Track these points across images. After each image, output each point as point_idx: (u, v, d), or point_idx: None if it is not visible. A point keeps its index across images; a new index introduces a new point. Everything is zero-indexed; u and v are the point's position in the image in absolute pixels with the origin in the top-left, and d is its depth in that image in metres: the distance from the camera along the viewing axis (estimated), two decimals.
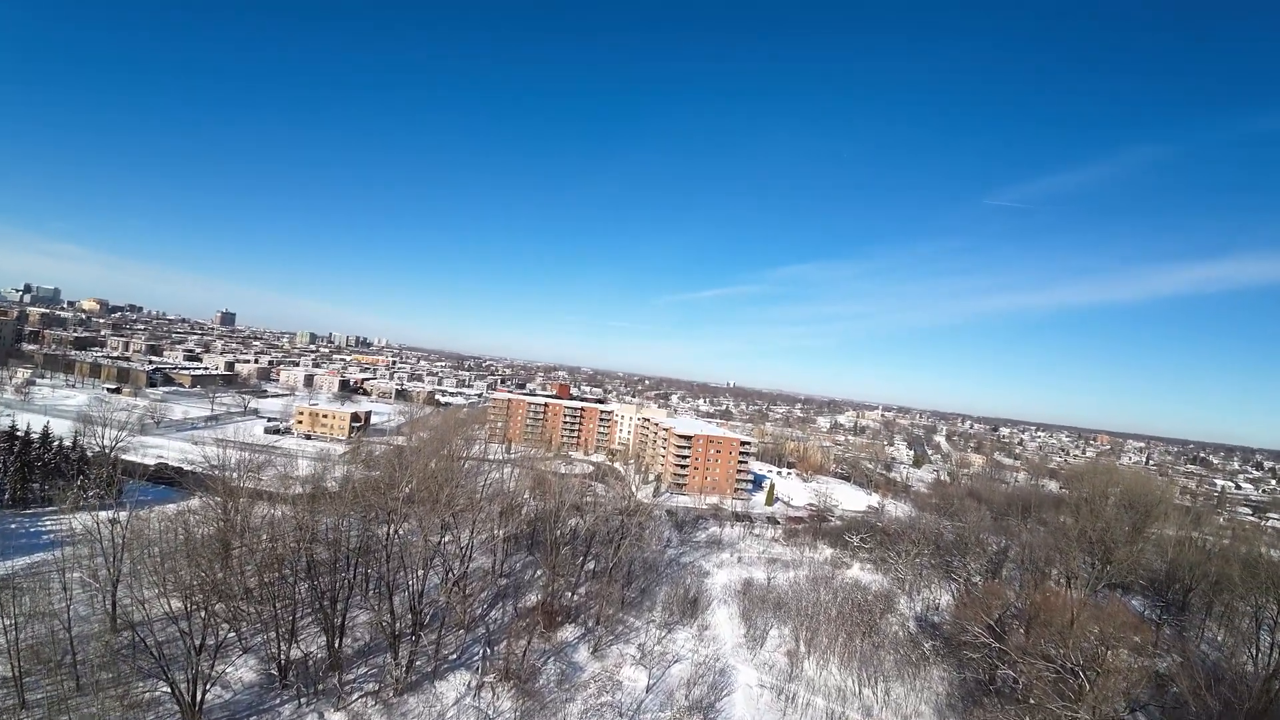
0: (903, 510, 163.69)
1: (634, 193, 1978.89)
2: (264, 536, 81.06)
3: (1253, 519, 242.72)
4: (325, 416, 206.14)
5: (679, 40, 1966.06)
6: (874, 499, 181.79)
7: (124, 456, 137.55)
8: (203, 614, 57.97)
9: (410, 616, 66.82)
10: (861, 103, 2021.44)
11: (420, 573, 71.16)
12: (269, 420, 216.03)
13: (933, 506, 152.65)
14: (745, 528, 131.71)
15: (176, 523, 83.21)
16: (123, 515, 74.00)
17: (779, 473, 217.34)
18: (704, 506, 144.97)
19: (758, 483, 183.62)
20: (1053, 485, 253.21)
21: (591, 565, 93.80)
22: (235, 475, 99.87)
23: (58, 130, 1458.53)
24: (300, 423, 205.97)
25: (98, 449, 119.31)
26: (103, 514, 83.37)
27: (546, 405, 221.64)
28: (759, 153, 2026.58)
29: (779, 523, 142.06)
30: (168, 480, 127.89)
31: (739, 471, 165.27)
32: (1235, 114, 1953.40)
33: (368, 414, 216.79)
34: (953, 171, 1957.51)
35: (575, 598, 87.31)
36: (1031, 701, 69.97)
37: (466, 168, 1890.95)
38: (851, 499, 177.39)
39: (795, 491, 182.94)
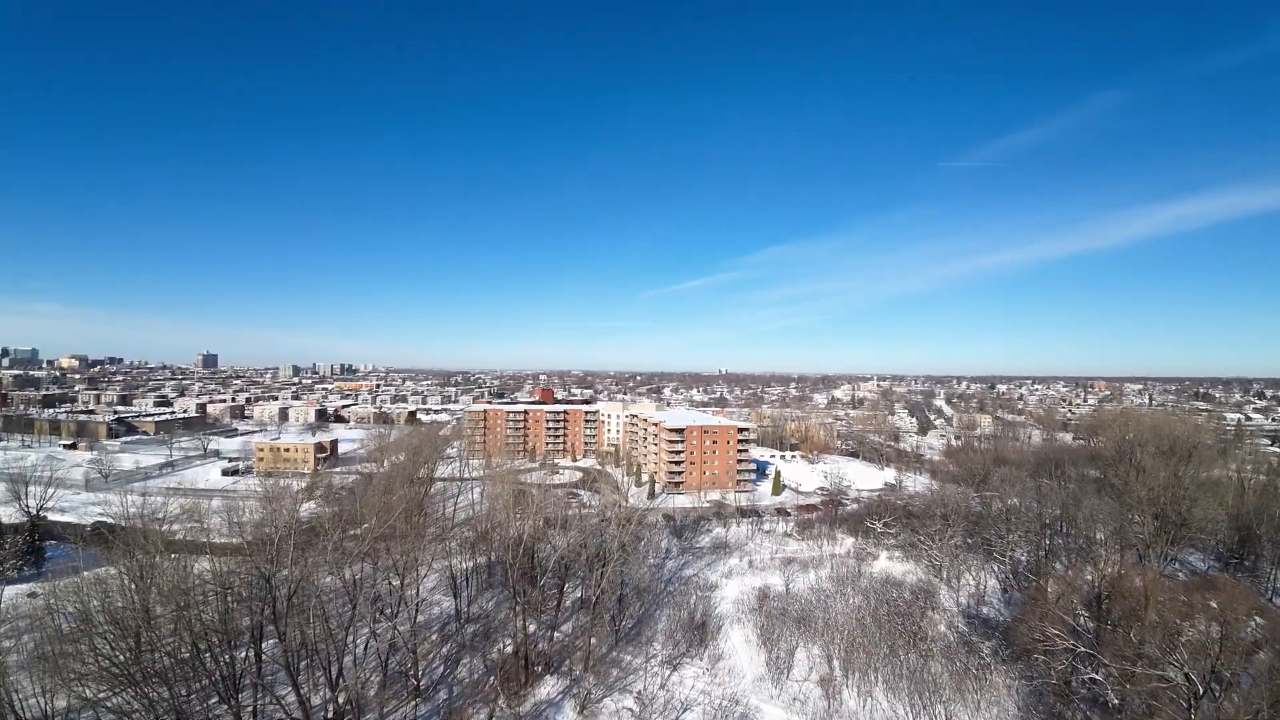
0: (921, 483, 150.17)
1: (605, 193, 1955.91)
2: (159, 608, 66.88)
3: (1277, 450, 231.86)
4: (287, 450, 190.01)
5: (636, 35, 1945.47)
6: (888, 474, 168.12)
7: (59, 518, 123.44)
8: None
9: (345, 695, 52.06)
10: (820, 78, 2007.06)
11: (345, 638, 56.33)
12: (229, 461, 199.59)
13: (954, 476, 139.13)
14: (753, 524, 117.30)
15: (89, 593, 68.43)
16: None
17: (782, 457, 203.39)
18: (705, 505, 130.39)
19: (761, 471, 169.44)
20: (1067, 437, 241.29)
21: (580, 593, 79.20)
22: (155, 529, 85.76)
23: (26, 187, 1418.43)
24: (261, 460, 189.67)
25: (24, 514, 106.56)
26: (22, 587, 79.89)
27: (527, 413, 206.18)
28: (724, 139, 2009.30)
29: (790, 514, 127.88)
30: (103, 541, 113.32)
31: (739, 461, 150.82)
32: (1199, 49, 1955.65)
33: (334, 443, 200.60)
34: (919, 138, 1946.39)
35: (559, 636, 72.64)
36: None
37: (439, 183, 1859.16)
38: (864, 477, 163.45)
39: (802, 476, 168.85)
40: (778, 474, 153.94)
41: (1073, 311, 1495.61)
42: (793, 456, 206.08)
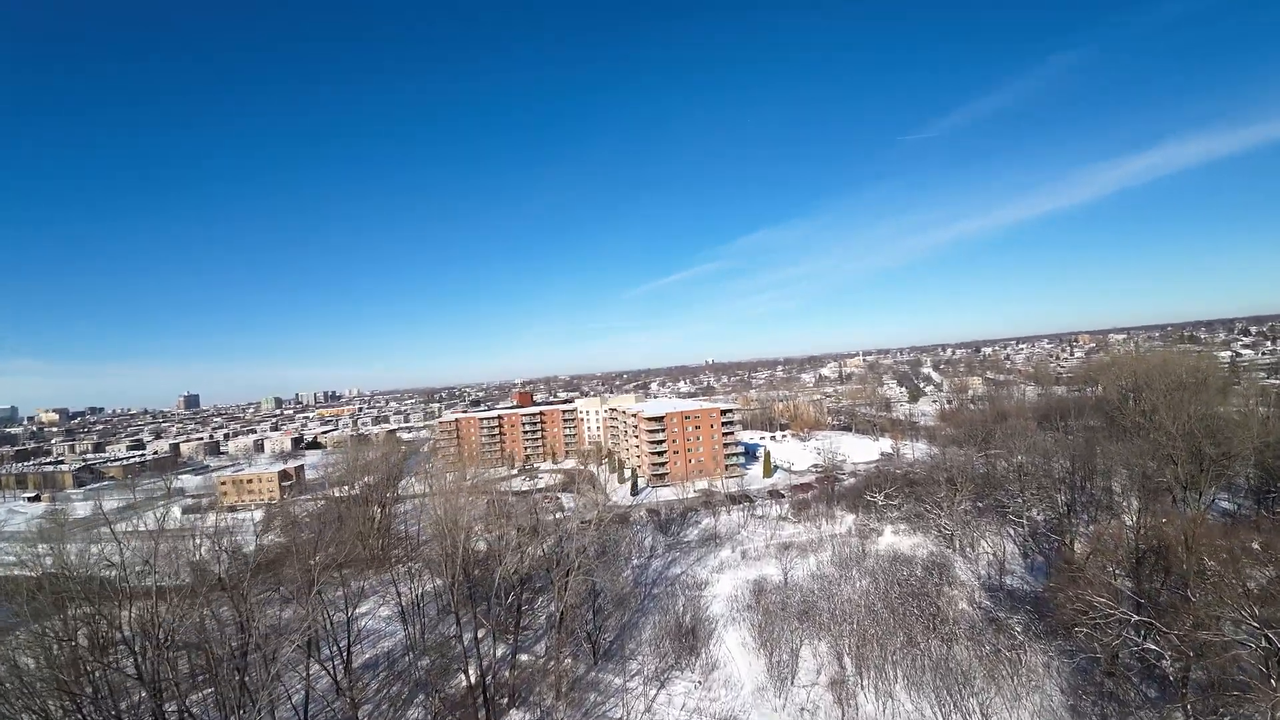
0: (919, 450, 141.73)
1: (578, 197, 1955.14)
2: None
3: (1277, 383, 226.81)
4: (250, 482, 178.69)
5: (599, 38, 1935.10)
6: (884, 444, 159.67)
7: (5, 572, 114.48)
8: None
9: None
10: (776, 66, 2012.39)
11: (240, 691, 46.24)
12: (191, 499, 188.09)
13: (954, 438, 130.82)
14: (745, 511, 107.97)
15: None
16: None
17: (773, 438, 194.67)
18: (692, 495, 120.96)
19: (751, 454, 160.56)
20: (1061, 391, 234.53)
21: (553, 608, 69.42)
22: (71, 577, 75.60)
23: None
24: (224, 494, 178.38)
25: None
26: None
27: (501, 418, 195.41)
28: (689, 134, 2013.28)
29: (784, 495, 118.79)
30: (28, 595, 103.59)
31: (726, 446, 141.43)
32: (1148, 4, 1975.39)
33: (299, 469, 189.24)
34: (881, 115, 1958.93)
35: (530, 660, 63.02)
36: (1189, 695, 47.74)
37: (414, 198, 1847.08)
38: (859, 449, 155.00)
39: (795, 455, 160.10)
40: (768, 455, 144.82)
41: (1048, 270, 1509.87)
42: (783, 436, 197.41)
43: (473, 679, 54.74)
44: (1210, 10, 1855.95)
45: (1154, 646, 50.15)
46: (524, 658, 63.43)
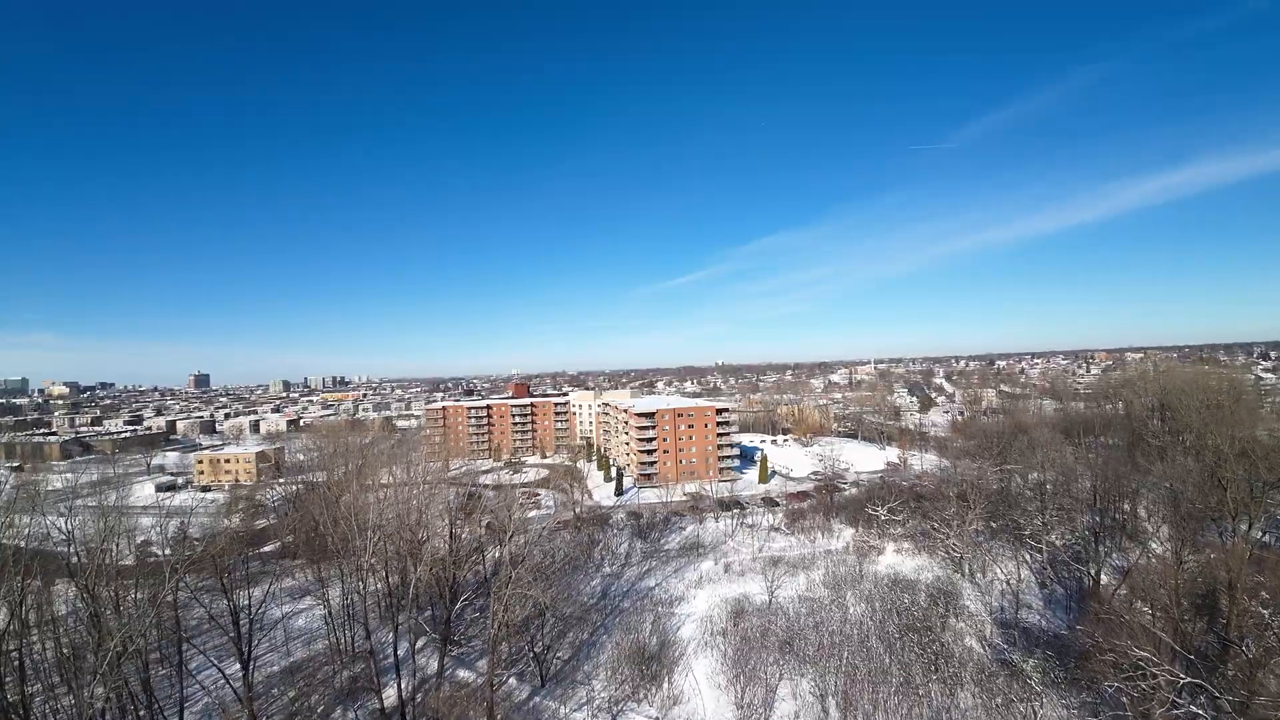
0: (929, 461, 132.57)
1: (594, 194, 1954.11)
2: None
3: None
4: (227, 462, 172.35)
5: (619, 36, 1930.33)
6: (890, 453, 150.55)
7: None
8: None
9: None
10: (797, 68, 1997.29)
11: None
12: (167, 476, 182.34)
13: (966, 450, 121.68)
14: (735, 518, 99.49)
15: None
16: None
17: (774, 441, 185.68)
18: (680, 498, 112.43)
19: (748, 457, 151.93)
20: (1079, 406, 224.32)
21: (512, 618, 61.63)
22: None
23: (12, 217, 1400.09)
24: (201, 473, 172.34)
25: None
26: None
27: (490, 408, 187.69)
28: (706, 134, 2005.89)
29: (778, 504, 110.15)
30: None
31: (720, 447, 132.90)
32: (1174, 15, 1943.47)
33: (279, 451, 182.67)
34: (901, 122, 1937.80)
35: (468, 675, 55.23)
36: None
37: (429, 192, 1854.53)
38: (864, 458, 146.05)
39: (795, 460, 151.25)
40: (764, 459, 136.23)
41: (1064, 285, 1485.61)
42: (785, 441, 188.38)
43: (390, 699, 47.06)
44: (1238, 25, 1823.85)
45: (1199, 711, 41.66)
46: (464, 674, 55.72)
